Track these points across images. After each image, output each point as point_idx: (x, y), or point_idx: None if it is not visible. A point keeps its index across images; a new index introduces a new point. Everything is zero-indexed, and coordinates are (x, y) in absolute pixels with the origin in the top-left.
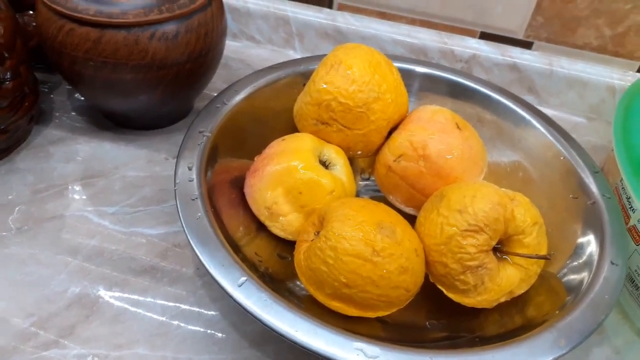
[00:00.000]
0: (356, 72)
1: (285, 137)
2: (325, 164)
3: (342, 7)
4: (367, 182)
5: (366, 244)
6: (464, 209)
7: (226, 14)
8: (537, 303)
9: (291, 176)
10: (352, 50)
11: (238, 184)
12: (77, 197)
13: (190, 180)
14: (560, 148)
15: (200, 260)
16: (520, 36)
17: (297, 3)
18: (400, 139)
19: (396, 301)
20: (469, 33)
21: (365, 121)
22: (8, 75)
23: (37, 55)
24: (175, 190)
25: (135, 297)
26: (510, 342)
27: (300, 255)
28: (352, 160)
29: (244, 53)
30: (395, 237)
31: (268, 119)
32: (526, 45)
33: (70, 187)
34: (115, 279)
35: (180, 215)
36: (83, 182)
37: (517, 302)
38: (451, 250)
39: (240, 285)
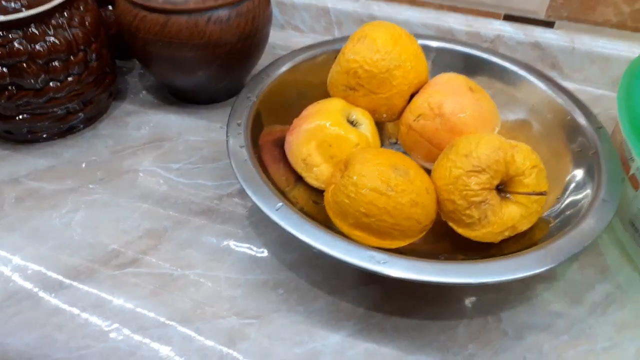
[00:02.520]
0: (379, 43)
1: (319, 101)
2: (352, 123)
3: None
4: (394, 146)
5: (382, 181)
6: (469, 153)
7: (271, 3)
8: (538, 237)
9: (322, 132)
10: (376, 26)
11: (279, 144)
12: (148, 156)
13: (239, 134)
14: (567, 108)
15: (244, 190)
16: (542, 16)
17: None
18: (419, 101)
19: (409, 231)
20: (493, 15)
21: (388, 86)
22: (94, 56)
23: (115, 44)
24: (227, 140)
25: (195, 232)
26: (503, 258)
27: (328, 193)
28: (380, 126)
29: (290, 41)
30: (408, 177)
31: (306, 90)
32: (548, 24)
33: (142, 148)
34: (178, 218)
35: (231, 158)
36: (153, 145)
37: (520, 238)
38: (458, 188)
39: (277, 209)
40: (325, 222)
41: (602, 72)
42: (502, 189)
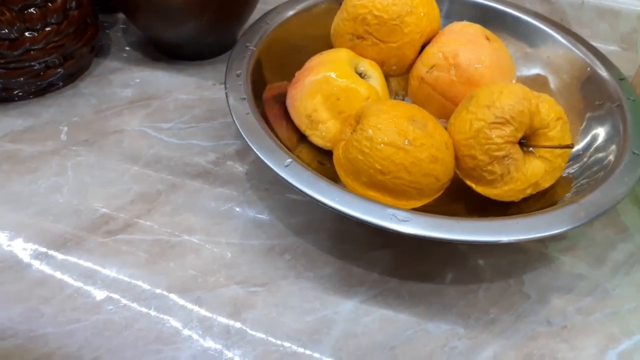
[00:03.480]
0: None
1: (324, 52)
2: (361, 75)
3: None
4: None
5: (399, 134)
6: (492, 103)
7: None
8: (561, 194)
9: (329, 84)
10: None
11: (280, 100)
12: (135, 115)
13: (239, 84)
14: (586, 59)
15: (249, 146)
16: None
17: None
18: (432, 50)
19: (427, 190)
20: None
21: (399, 34)
22: (74, 4)
23: None
24: (226, 92)
25: (192, 195)
26: (534, 214)
27: (339, 150)
28: (386, 80)
29: None
30: (427, 130)
31: (308, 43)
32: None
33: (128, 107)
34: (173, 181)
35: (232, 111)
36: (140, 104)
37: (543, 196)
38: (479, 142)
39: (286, 166)
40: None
41: (611, 29)
42: (526, 142)
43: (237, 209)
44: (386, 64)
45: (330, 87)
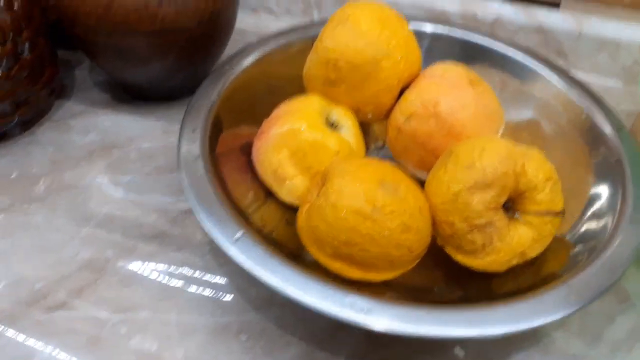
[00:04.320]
0: (364, 27)
1: (293, 98)
2: (333, 125)
3: None
4: (381, 151)
5: (366, 200)
6: (472, 164)
7: None
8: (552, 264)
9: (295, 137)
10: (360, 6)
11: (247, 150)
12: (94, 166)
13: (193, 142)
14: (581, 104)
15: (196, 215)
16: None
17: None
18: (410, 97)
19: (399, 262)
20: None
21: (374, 80)
22: (26, 46)
23: (59, 32)
24: (178, 149)
25: (144, 262)
26: (516, 299)
27: (302, 215)
28: (366, 127)
29: (263, 26)
30: (398, 194)
31: (281, 84)
32: (553, 5)
33: (87, 158)
34: (125, 244)
35: (182, 173)
36: (100, 153)
37: (531, 266)
38: (458, 209)
39: (236, 240)
40: (298, 249)
41: (612, 60)
42: (511, 207)
43: (193, 278)
44: (362, 111)
45: (297, 141)
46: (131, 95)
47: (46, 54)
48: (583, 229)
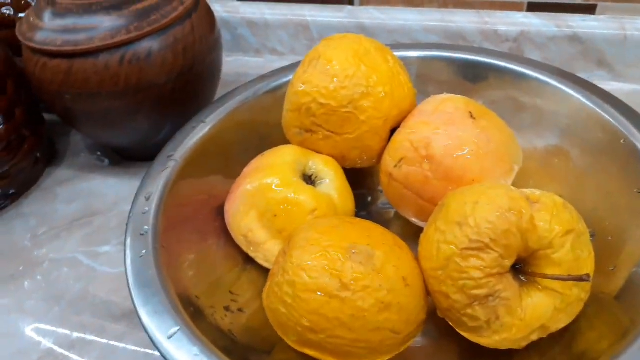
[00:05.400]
0: (336, 65)
1: (266, 151)
2: (310, 178)
3: (364, 2)
4: None
5: (331, 275)
6: (464, 219)
7: (217, 25)
8: (590, 336)
9: (263, 196)
10: (334, 42)
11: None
12: (72, 238)
13: (144, 213)
14: (619, 127)
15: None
16: (577, 0)
17: (315, 5)
18: (399, 139)
19: (382, 347)
20: (514, 7)
21: (355, 123)
22: (0, 118)
23: None
24: (127, 224)
25: (111, 345)
26: None
27: (264, 294)
28: (369, 168)
29: (267, 68)
30: (372, 264)
31: (270, 131)
32: (587, 9)
33: (68, 228)
34: (93, 326)
35: (125, 253)
36: (82, 222)
37: (561, 339)
38: (451, 277)
39: (170, 337)
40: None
41: None
42: (521, 269)
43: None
44: (348, 159)
45: (265, 201)
46: (121, 156)
47: (25, 124)
48: (631, 284)
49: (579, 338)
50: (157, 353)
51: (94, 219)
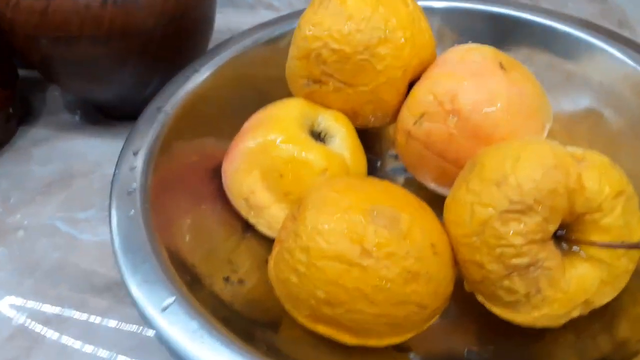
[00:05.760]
0: (351, 5)
1: (269, 105)
2: (319, 136)
3: None
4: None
5: (352, 240)
6: (504, 179)
7: None
8: (633, 312)
9: (268, 154)
10: None
11: (219, 174)
12: (49, 202)
13: (132, 169)
14: None
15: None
16: None
17: None
18: (420, 92)
19: (406, 323)
20: None
21: (371, 72)
22: None
23: None
24: (112, 181)
25: (93, 321)
26: None
27: (271, 262)
28: (377, 131)
29: None
30: (398, 228)
31: (271, 87)
32: None
33: (44, 191)
34: (71, 299)
35: (110, 213)
36: (59, 185)
37: (602, 317)
38: (487, 243)
39: (164, 310)
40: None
41: None
42: (565, 236)
43: (150, 341)
44: (360, 115)
45: (270, 159)
46: (103, 114)
47: None
48: None
49: (621, 314)
50: (147, 331)
51: (74, 181)
